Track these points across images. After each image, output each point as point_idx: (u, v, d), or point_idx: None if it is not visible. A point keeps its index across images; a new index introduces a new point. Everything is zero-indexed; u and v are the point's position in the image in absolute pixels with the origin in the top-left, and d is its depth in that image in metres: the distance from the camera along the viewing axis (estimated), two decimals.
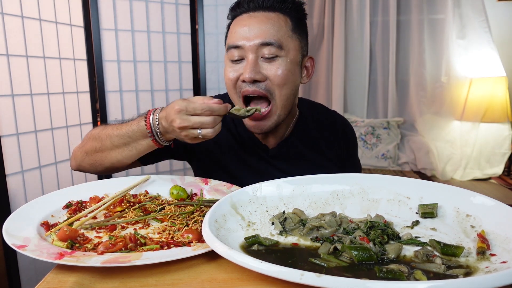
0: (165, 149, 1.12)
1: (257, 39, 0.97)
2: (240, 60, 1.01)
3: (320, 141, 1.19)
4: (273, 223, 0.77)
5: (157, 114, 0.89)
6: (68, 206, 0.90)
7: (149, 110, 0.93)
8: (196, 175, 1.27)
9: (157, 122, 0.89)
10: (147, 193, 1.00)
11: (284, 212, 0.80)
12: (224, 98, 1.23)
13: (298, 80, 1.05)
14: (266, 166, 1.15)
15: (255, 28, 0.98)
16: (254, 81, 0.98)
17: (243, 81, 0.99)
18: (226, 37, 1.09)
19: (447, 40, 3.54)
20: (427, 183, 0.84)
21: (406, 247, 0.67)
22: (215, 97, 1.24)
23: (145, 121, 0.91)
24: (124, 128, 0.96)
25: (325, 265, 0.60)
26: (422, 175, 3.55)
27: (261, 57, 0.99)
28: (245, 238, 0.70)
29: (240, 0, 1.04)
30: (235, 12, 1.05)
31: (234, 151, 1.16)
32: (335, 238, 0.70)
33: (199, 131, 0.83)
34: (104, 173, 1.09)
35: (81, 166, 1.07)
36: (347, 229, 0.74)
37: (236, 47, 0.99)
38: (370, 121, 3.76)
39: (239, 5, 1.04)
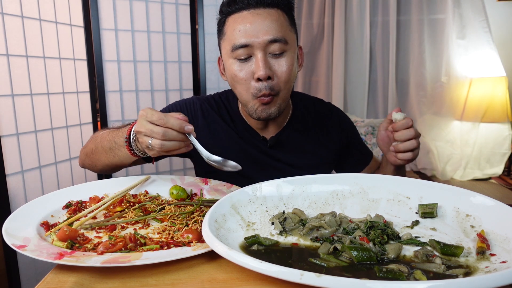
0: None
1: (266, 36, 0.98)
2: (247, 58, 1.00)
3: (317, 130, 1.22)
4: (273, 223, 0.77)
5: None
6: (68, 206, 0.90)
7: None
8: (196, 171, 1.28)
9: None
10: (147, 193, 1.00)
11: (284, 212, 0.81)
12: (222, 96, 1.24)
13: (296, 71, 1.08)
14: (265, 157, 1.17)
15: (261, 25, 0.98)
16: (268, 78, 0.99)
17: (258, 79, 0.99)
18: (220, 34, 1.07)
19: (447, 40, 3.54)
20: (427, 183, 0.84)
21: (406, 247, 0.67)
22: (215, 94, 1.25)
23: (129, 127, 0.90)
24: (114, 133, 0.96)
25: (325, 265, 0.60)
26: (422, 175, 3.55)
27: (269, 53, 1.00)
28: (245, 238, 0.70)
29: None
30: (230, 8, 1.02)
31: (234, 144, 1.17)
32: (335, 238, 0.70)
33: (149, 140, 0.80)
34: (103, 173, 1.11)
35: (84, 165, 1.15)
36: (347, 229, 0.74)
37: (244, 46, 0.99)
38: (370, 121, 3.75)
39: (236, 1, 1.01)
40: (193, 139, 0.83)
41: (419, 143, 0.97)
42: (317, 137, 1.21)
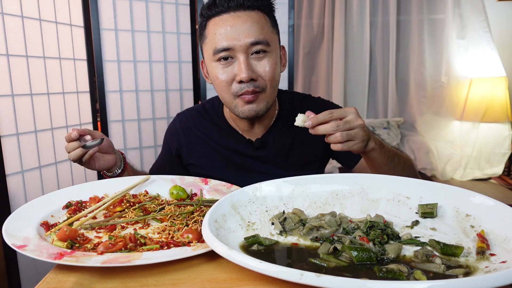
0: (168, 167, 1.27)
1: (247, 38, 0.98)
2: (230, 61, 1.01)
3: (303, 128, 1.19)
4: (273, 223, 0.77)
5: None
6: (68, 206, 0.90)
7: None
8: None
9: None
10: (147, 193, 1.00)
11: (284, 212, 0.81)
12: (207, 104, 1.26)
13: (280, 71, 1.09)
14: (251, 160, 1.18)
15: (242, 28, 0.98)
16: (250, 80, 1.00)
17: (240, 81, 0.99)
18: (202, 37, 1.06)
19: (447, 40, 3.54)
20: (427, 183, 0.84)
21: (406, 247, 0.67)
22: (198, 105, 1.29)
23: None
24: None
25: (325, 265, 0.60)
26: (422, 175, 3.55)
27: (251, 55, 1.00)
28: (245, 238, 0.70)
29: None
30: (211, 12, 1.02)
31: (216, 154, 1.19)
32: (335, 238, 0.70)
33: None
34: None
35: None
36: (347, 229, 0.74)
37: (226, 49, 0.99)
38: (370, 121, 3.75)
39: (216, 4, 1.01)
40: (84, 142, 1.00)
41: (349, 135, 0.86)
42: (304, 135, 1.19)
